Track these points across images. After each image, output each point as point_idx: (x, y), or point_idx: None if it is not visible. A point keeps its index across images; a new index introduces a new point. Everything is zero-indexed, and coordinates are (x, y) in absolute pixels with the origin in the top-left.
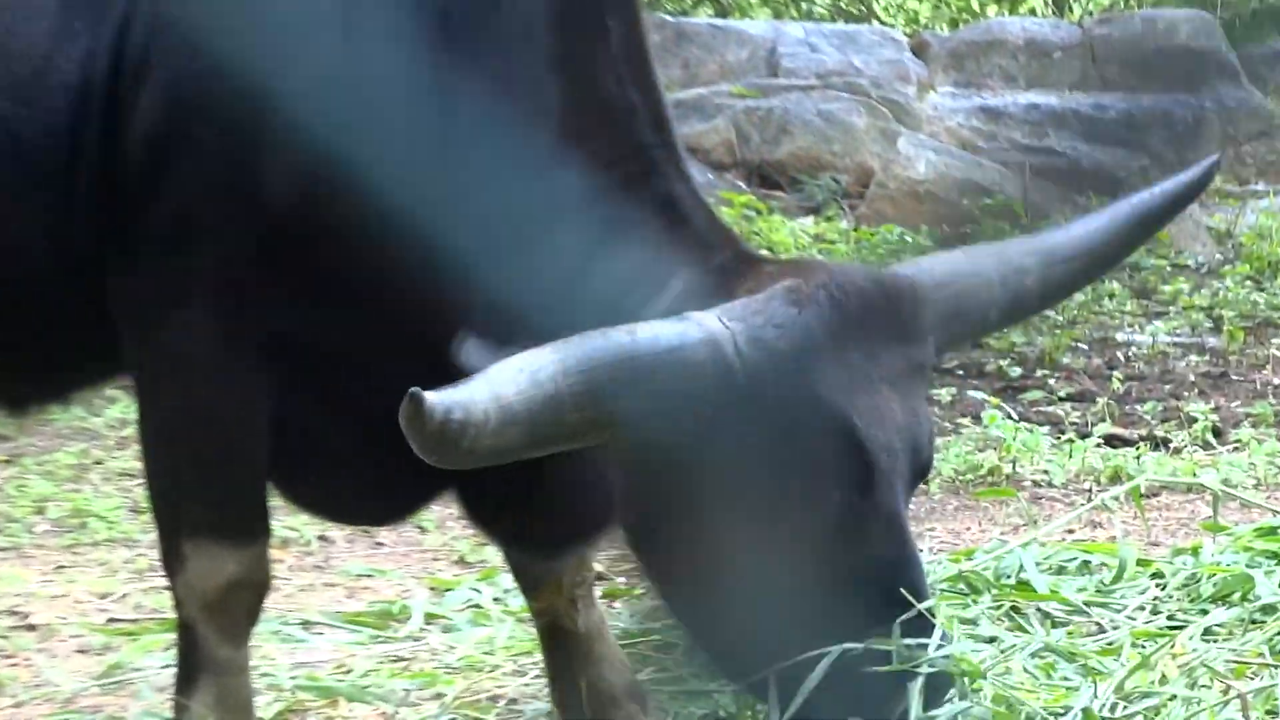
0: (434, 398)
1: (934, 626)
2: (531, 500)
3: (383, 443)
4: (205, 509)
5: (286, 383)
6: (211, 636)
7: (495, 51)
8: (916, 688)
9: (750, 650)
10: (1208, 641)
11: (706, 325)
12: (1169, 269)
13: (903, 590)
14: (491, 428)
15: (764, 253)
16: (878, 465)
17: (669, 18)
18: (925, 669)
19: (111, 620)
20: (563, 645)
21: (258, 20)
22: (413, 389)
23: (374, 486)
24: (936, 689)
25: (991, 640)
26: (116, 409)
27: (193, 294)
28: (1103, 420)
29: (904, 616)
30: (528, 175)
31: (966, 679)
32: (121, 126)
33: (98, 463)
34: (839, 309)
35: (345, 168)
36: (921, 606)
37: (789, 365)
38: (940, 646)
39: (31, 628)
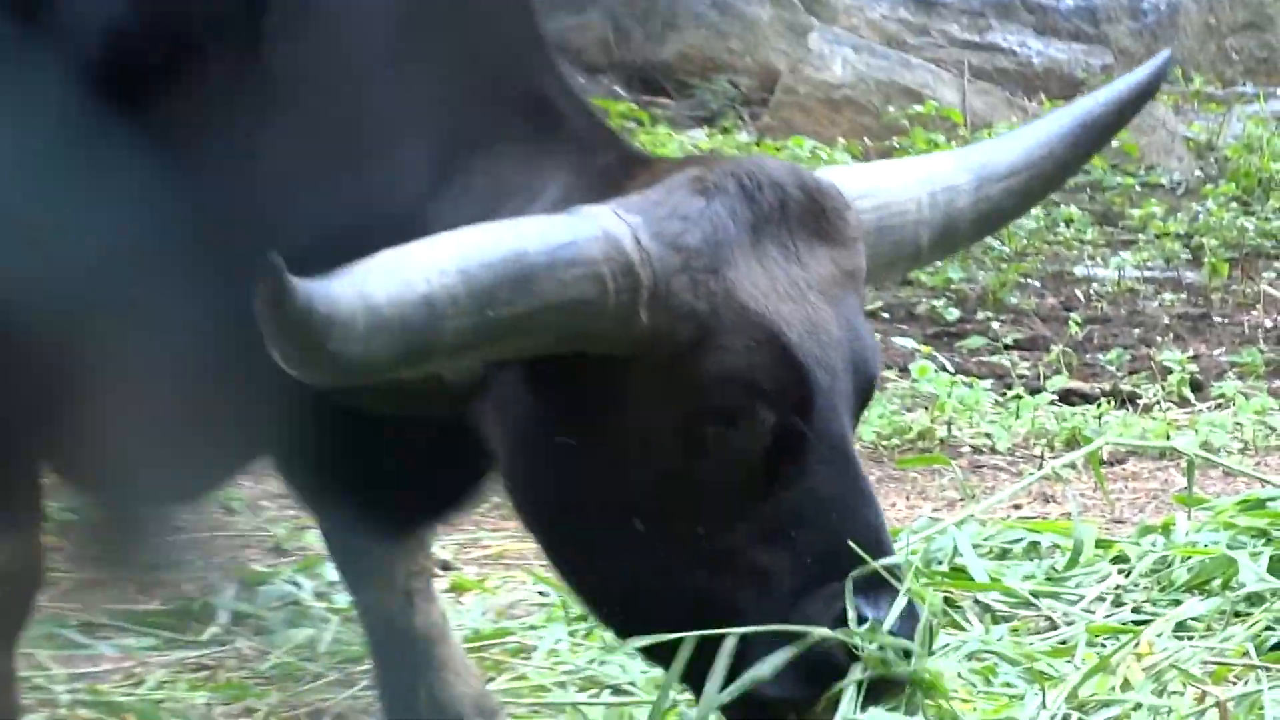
0: (298, 283)
1: (892, 584)
2: (370, 467)
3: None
4: None
5: (49, 344)
6: None
7: None
8: (854, 679)
9: (663, 612)
10: (1180, 638)
11: (600, 219)
12: (1138, 189)
13: (853, 538)
14: (360, 332)
15: (652, 155)
16: (816, 384)
17: None
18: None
19: None
20: (397, 649)
21: None
22: (271, 255)
23: (163, 457)
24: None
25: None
26: None
27: None
28: (1058, 372)
29: (857, 571)
30: (351, 79)
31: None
32: None
33: None
34: (753, 201)
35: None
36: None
37: (701, 263)
38: (904, 612)
39: None
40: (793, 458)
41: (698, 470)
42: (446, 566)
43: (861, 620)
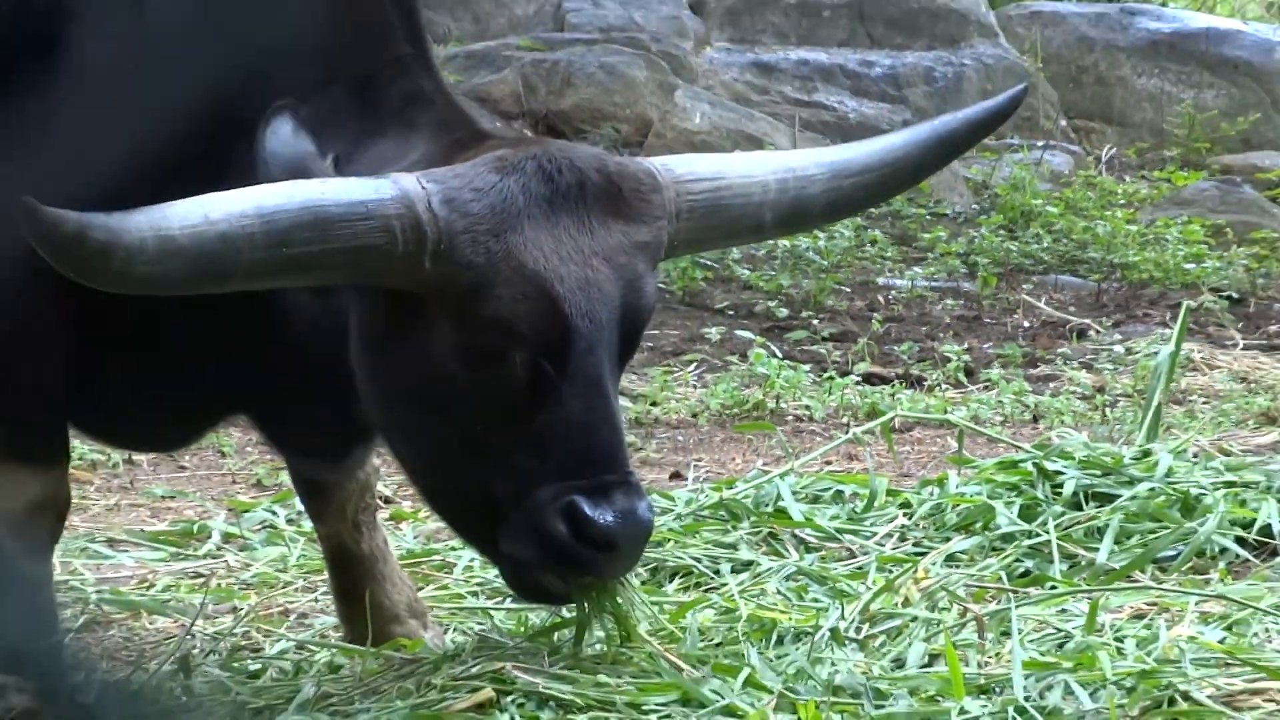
0: (68, 215)
1: (627, 486)
2: (314, 417)
3: (168, 372)
4: (7, 436)
5: (79, 320)
6: (15, 553)
7: None
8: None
9: (461, 497)
10: (950, 567)
11: (402, 184)
12: (928, 217)
13: (591, 452)
14: (150, 255)
15: (500, 129)
16: (576, 330)
17: None
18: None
19: None
20: (347, 565)
21: None
22: (24, 199)
23: (160, 413)
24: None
25: (749, 564)
26: None
27: None
28: (862, 360)
29: (597, 480)
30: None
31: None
32: None
33: None
34: (548, 180)
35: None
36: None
37: (482, 226)
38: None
39: None
40: (547, 388)
41: (472, 388)
42: (388, 500)
43: (583, 514)
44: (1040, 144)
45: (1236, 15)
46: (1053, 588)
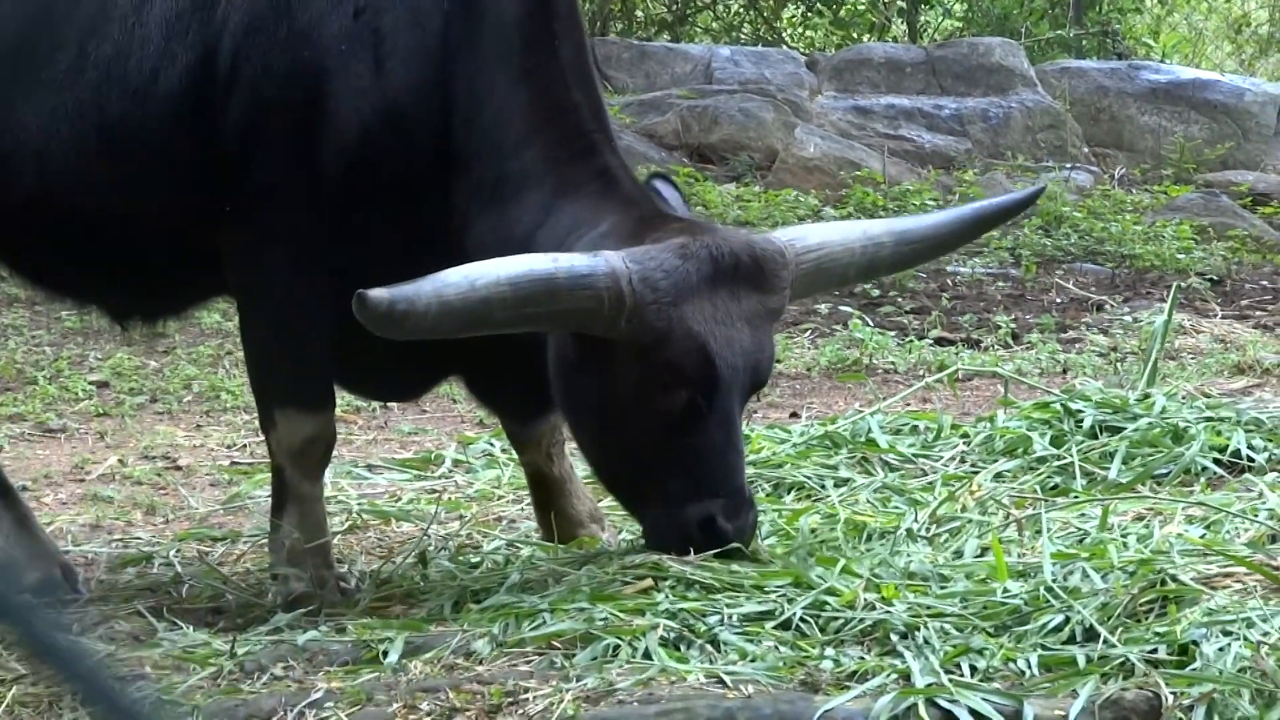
0: (382, 293)
1: (747, 504)
2: (508, 385)
3: (398, 346)
4: (289, 386)
5: (339, 301)
6: (296, 476)
7: (477, 67)
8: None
9: (626, 483)
10: (997, 482)
11: (612, 262)
12: None
13: (720, 474)
14: (431, 317)
15: (674, 213)
16: (722, 376)
17: (635, 41)
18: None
19: (234, 463)
20: (543, 484)
21: (307, 47)
22: (359, 290)
23: (398, 373)
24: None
25: (847, 481)
26: None
27: (277, 238)
28: (934, 327)
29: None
30: (502, 156)
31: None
32: (219, 121)
33: (228, 353)
34: (715, 262)
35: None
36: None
37: (666, 299)
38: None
39: (178, 468)
40: (696, 418)
41: (641, 412)
42: None
43: (717, 526)
44: (1069, 166)
45: (1216, 68)
46: (1075, 497)
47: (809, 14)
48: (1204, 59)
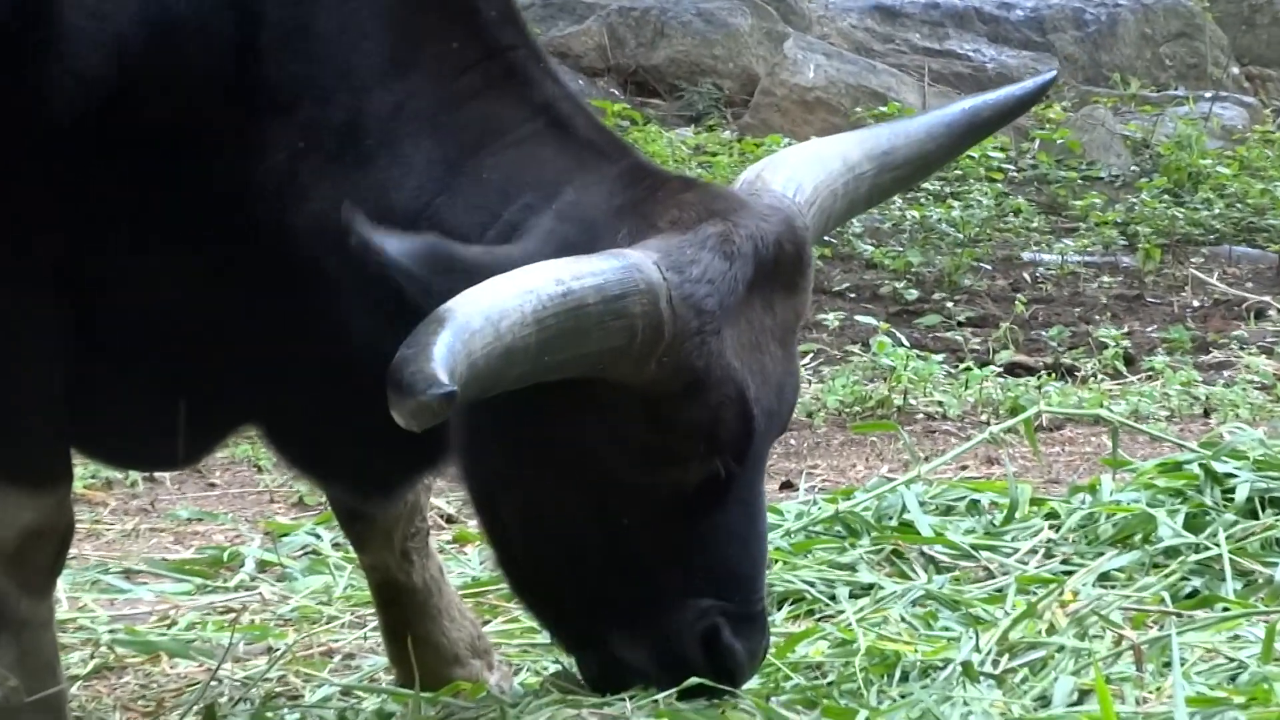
0: (418, 374)
1: (761, 618)
2: (341, 436)
3: (169, 384)
4: None
5: (72, 325)
6: (10, 590)
7: None
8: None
9: (578, 588)
10: (1103, 587)
11: (647, 274)
12: (1080, 182)
13: (738, 570)
14: (462, 388)
15: (658, 166)
16: (757, 430)
17: None
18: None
19: None
20: (397, 600)
21: None
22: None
23: (160, 425)
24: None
25: (869, 588)
26: None
27: None
28: (1005, 347)
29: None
30: (357, 87)
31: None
32: None
33: None
34: (760, 265)
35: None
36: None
37: (710, 326)
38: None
39: None
40: (712, 495)
41: (635, 488)
42: (450, 520)
43: (722, 643)
44: (1209, 95)
45: None
46: (1224, 610)
47: None
48: None
